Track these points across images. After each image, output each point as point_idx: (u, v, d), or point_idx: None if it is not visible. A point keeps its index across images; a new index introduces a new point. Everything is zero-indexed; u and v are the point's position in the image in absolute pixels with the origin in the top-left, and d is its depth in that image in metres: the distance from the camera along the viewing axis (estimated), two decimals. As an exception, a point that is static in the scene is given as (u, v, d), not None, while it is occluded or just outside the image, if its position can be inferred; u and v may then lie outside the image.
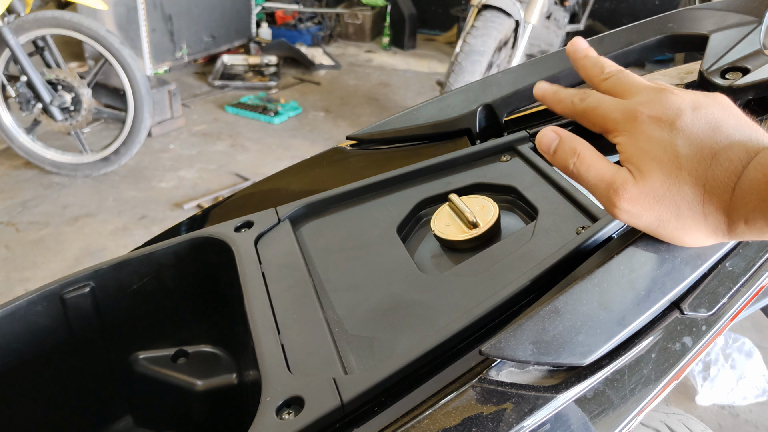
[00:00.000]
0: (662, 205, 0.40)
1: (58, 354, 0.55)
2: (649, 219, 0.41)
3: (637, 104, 0.42)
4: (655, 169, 0.40)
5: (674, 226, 0.40)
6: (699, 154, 0.39)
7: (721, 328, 0.47)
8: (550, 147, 0.44)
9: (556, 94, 0.48)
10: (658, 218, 0.40)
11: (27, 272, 2.20)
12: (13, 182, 2.79)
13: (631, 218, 0.41)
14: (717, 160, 0.38)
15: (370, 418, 0.39)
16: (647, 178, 0.40)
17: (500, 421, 0.38)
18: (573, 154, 0.43)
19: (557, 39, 3.58)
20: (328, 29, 5.06)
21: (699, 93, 0.42)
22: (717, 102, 0.41)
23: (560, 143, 0.44)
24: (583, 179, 0.43)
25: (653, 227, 0.41)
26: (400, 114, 0.71)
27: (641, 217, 0.41)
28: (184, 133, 3.37)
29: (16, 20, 2.58)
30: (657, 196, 0.40)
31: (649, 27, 0.69)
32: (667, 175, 0.39)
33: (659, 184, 0.39)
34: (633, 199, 0.40)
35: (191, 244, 0.56)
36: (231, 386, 0.58)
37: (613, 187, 0.41)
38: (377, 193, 0.60)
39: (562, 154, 0.44)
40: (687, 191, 0.39)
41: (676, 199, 0.39)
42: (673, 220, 0.40)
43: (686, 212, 0.39)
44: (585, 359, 0.40)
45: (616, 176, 0.41)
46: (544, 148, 0.45)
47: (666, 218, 0.40)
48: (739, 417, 1.68)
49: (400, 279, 0.48)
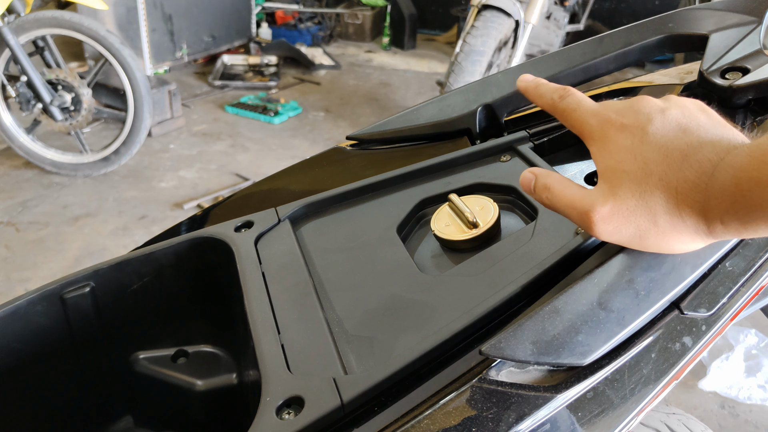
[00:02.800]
0: (638, 216, 0.40)
1: (58, 354, 0.55)
2: (628, 232, 0.41)
3: (610, 112, 0.42)
4: (625, 180, 0.40)
5: (654, 234, 0.40)
6: (669, 158, 0.39)
7: (720, 328, 0.47)
8: (530, 187, 0.46)
9: (537, 89, 0.48)
10: (637, 229, 0.40)
11: (27, 272, 2.20)
12: (13, 182, 2.80)
13: (611, 236, 0.41)
14: (687, 162, 0.38)
15: (370, 418, 0.39)
16: (617, 192, 0.40)
17: (500, 421, 0.38)
18: (545, 189, 0.44)
19: (557, 39, 3.58)
20: (328, 29, 5.06)
21: (672, 96, 0.42)
22: (688, 104, 0.41)
23: (536, 181, 0.45)
24: (558, 209, 0.44)
25: (636, 240, 0.41)
26: (400, 114, 0.71)
27: (620, 232, 0.41)
28: (184, 133, 3.37)
29: (16, 20, 2.58)
30: (630, 208, 0.40)
31: (649, 27, 0.69)
32: (638, 184, 0.39)
33: (630, 195, 0.40)
34: (605, 218, 0.40)
35: (191, 244, 0.56)
36: (231, 386, 0.58)
37: (583, 210, 0.41)
38: (377, 193, 0.60)
39: (538, 190, 0.45)
40: (659, 196, 0.39)
41: (650, 206, 0.39)
42: (652, 228, 0.40)
43: (663, 217, 0.39)
44: (585, 359, 0.40)
45: (585, 201, 0.41)
46: (526, 189, 0.46)
47: (645, 227, 0.40)
48: (739, 417, 1.68)
49: (400, 279, 0.48)
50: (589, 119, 0.43)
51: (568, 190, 0.43)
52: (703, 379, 1.75)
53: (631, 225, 0.40)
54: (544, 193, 0.44)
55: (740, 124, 0.57)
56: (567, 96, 0.45)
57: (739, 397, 1.72)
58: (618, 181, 0.40)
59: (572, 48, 0.71)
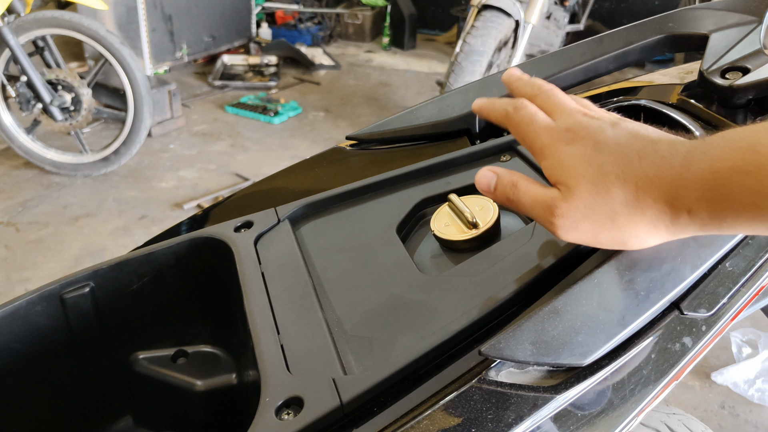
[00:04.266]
0: (596, 213, 0.40)
1: (58, 354, 0.55)
2: (586, 230, 0.41)
3: (562, 129, 0.43)
4: (581, 181, 0.41)
5: (611, 228, 0.41)
6: (625, 157, 0.40)
7: (721, 328, 0.47)
8: (489, 186, 0.46)
9: (492, 104, 0.49)
10: (593, 226, 0.41)
11: (27, 272, 2.20)
12: (13, 182, 2.80)
13: (569, 232, 0.42)
14: (645, 159, 0.39)
15: (370, 418, 0.39)
16: (574, 191, 0.41)
17: (500, 421, 0.38)
18: (512, 186, 0.45)
19: (557, 39, 3.58)
20: (328, 29, 5.06)
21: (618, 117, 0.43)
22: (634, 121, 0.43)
23: (499, 179, 0.45)
24: (523, 205, 0.44)
25: (594, 237, 0.42)
26: (400, 114, 0.71)
27: (578, 230, 0.41)
28: (184, 133, 3.37)
29: (16, 20, 2.58)
30: (587, 205, 0.40)
31: (649, 27, 0.69)
32: (594, 183, 0.40)
33: (587, 194, 0.40)
34: (564, 214, 0.41)
35: (191, 244, 0.56)
36: (231, 386, 0.58)
37: (546, 204, 0.42)
38: (377, 193, 0.60)
39: (502, 188, 0.45)
40: (618, 192, 0.40)
41: (608, 203, 0.40)
42: (608, 223, 0.40)
43: (622, 212, 0.40)
44: (585, 359, 0.40)
45: (547, 195, 0.42)
46: (484, 188, 0.46)
47: (602, 223, 0.40)
48: (739, 417, 1.68)
49: (399, 279, 0.48)
50: (541, 136, 0.44)
51: (535, 186, 0.44)
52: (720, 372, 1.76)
53: (588, 222, 0.41)
54: (512, 191, 0.44)
55: (740, 124, 0.57)
56: (521, 108, 0.46)
57: (748, 394, 1.72)
58: (574, 181, 0.41)
59: (572, 48, 0.71)
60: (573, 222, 0.41)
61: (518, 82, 0.50)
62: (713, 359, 1.83)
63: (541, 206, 0.42)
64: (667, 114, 0.59)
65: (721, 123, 0.58)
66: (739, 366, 1.77)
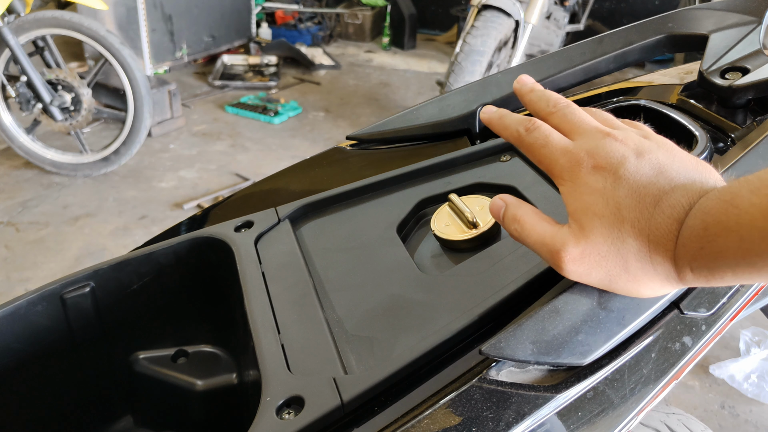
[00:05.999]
0: (609, 261, 0.39)
1: (58, 354, 0.55)
2: (598, 275, 0.40)
3: (581, 151, 0.41)
4: (596, 225, 0.39)
5: (625, 279, 0.39)
6: (641, 204, 0.38)
7: (720, 328, 0.47)
8: (499, 215, 0.44)
9: (501, 120, 0.46)
10: (607, 274, 0.39)
11: (27, 272, 2.20)
12: (13, 182, 2.80)
13: (580, 277, 0.40)
14: (659, 207, 0.38)
15: (370, 417, 0.39)
16: (589, 236, 0.39)
17: (500, 421, 0.38)
18: (515, 221, 0.43)
19: (557, 39, 3.58)
20: (328, 29, 5.06)
21: (644, 139, 0.41)
22: (662, 146, 0.40)
23: (505, 211, 0.44)
24: (528, 244, 0.42)
25: (605, 283, 0.40)
26: (400, 114, 0.71)
27: (590, 275, 0.40)
28: (184, 133, 3.37)
29: (16, 20, 2.58)
30: (601, 253, 0.39)
31: (649, 27, 0.69)
32: (610, 229, 0.39)
33: (602, 240, 0.39)
34: (576, 259, 0.39)
35: (191, 244, 0.56)
36: (231, 386, 0.58)
37: (554, 249, 0.40)
38: (377, 193, 0.60)
39: (507, 221, 0.43)
40: (631, 243, 0.38)
41: (622, 253, 0.39)
42: (623, 274, 0.39)
43: (635, 264, 0.39)
44: (585, 359, 0.40)
45: (555, 239, 0.40)
46: (495, 217, 0.45)
47: (616, 273, 0.39)
48: (739, 417, 1.68)
49: (400, 279, 0.48)
50: (559, 158, 0.41)
51: (538, 225, 0.42)
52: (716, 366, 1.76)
53: (602, 269, 0.39)
54: (513, 225, 0.43)
55: (740, 124, 0.57)
56: (534, 129, 0.43)
57: (747, 391, 1.72)
58: (590, 224, 0.39)
59: (572, 48, 0.71)
60: (586, 269, 0.40)
61: (531, 95, 0.46)
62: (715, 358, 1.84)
63: (547, 249, 0.41)
64: (667, 114, 0.59)
65: (721, 123, 0.58)
66: (739, 362, 1.77)
